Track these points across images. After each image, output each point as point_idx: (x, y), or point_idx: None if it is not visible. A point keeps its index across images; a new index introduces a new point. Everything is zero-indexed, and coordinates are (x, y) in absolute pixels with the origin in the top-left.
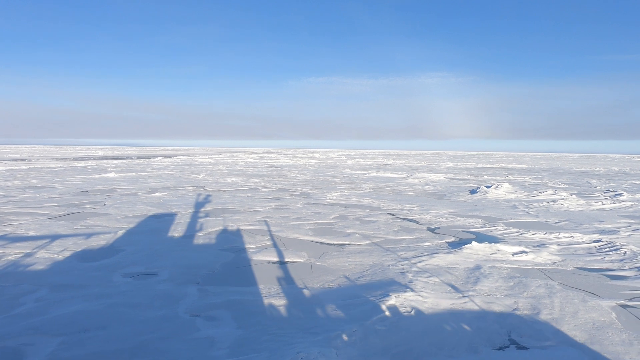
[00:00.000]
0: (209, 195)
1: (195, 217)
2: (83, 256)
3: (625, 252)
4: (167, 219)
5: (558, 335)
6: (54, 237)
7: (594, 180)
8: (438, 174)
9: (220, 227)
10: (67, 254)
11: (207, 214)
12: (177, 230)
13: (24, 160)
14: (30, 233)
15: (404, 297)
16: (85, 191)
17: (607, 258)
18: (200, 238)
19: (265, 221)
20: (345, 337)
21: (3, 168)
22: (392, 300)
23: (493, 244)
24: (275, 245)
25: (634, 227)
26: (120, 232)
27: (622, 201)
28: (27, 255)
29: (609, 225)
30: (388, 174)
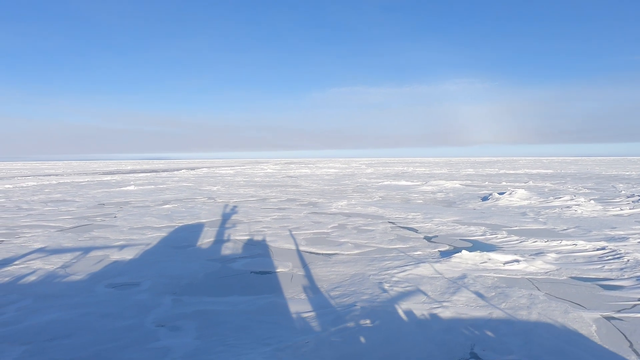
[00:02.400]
0: (216, 207)
1: (195, 228)
2: (75, 267)
3: (628, 260)
4: (168, 230)
5: (524, 349)
6: (56, 249)
7: (620, 185)
8: (454, 181)
9: (217, 238)
10: (62, 264)
11: (208, 225)
12: (173, 241)
13: (56, 175)
14: (36, 245)
15: (371, 308)
16: (101, 204)
17: (606, 267)
18: (192, 248)
19: (262, 231)
20: (296, 348)
21: (35, 183)
22: (358, 310)
23: (485, 252)
24: (264, 255)
25: None
26: (119, 243)
27: None
28: (25, 266)
29: (621, 232)
30: (403, 182)
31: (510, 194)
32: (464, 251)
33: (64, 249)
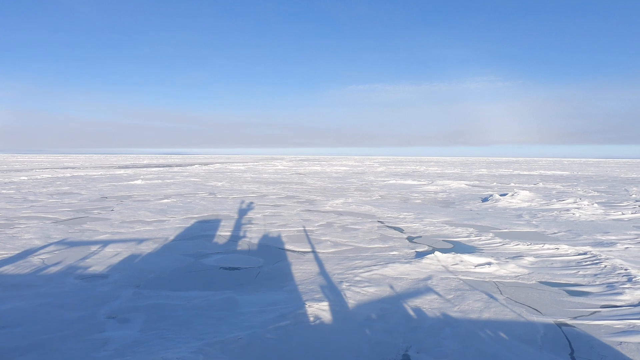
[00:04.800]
0: (213, 202)
1: (183, 222)
2: (55, 258)
3: (605, 266)
4: (157, 224)
5: (459, 353)
6: (43, 240)
7: (634, 188)
8: (461, 181)
9: (200, 233)
10: (42, 255)
11: (197, 220)
12: (157, 235)
13: (73, 168)
14: (26, 236)
15: (319, 306)
16: (104, 197)
17: (581, 272)
18: (173, 242)
19: (248, 227)
20: (226, 344)
21: (49, 175)
22: (304, 308)
23: (459, 254)
24: (240, 251)
25: None
26: (105, 237)
27: None
28: (8, 256)
29: (612, 237)
30: (409, 181)
31: (512, 195)
32: (437, 252)
33: (50, 240)
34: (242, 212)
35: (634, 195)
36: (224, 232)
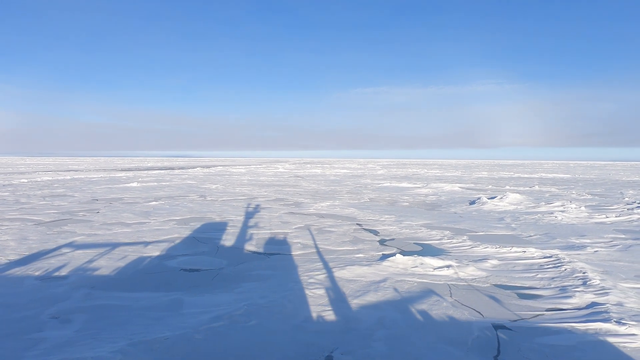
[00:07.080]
0: (199, 205)
1: (162, 224)
2: (20, 259)
3: (565, 269)
4: (135, 226)
5: (383, 355)
6: (16, 242)
7: (631, 191)
8: (454, 185)
9: (173, 235)
10: (10, 256)
11: (176, 222)
12: (130, 237)
13: (76, 171)
14: (2, 237)
15: (260, 307)
16: (95, 199)
17: (539, 275)
18: (143, 244)
19: (224, 230)
20: (150, 344)
21: (49, 178)
22: (243, 310)
23: (420, 256)
24: (207, 253)
25: (614, 242)
26: (79, 238)
27: (633, 214)
28: None
29: (587, 240)
30: (404, 184)
31: (500, 198)
32: (398, 255)
33: (25, 242)
34: (224, 215)
35: (627, 199)
36: (198, 234)
